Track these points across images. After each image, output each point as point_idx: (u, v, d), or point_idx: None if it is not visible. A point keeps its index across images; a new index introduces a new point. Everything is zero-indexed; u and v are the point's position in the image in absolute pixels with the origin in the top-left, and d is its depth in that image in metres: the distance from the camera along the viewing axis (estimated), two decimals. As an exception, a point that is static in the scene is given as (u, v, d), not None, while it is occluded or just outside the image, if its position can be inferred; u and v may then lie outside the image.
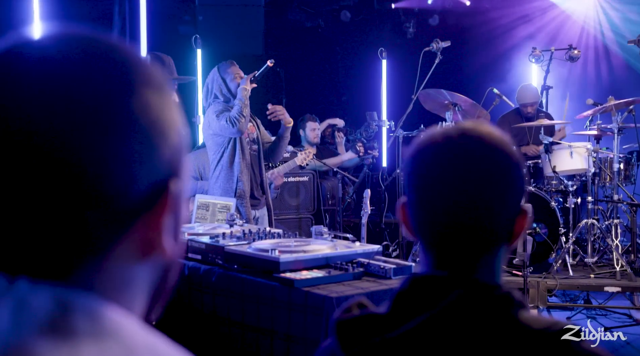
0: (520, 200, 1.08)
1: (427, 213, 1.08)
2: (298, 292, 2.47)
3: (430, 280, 1.06)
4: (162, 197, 0.61)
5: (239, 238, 2.95)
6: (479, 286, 1.03)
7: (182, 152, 0.64)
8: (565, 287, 4.99)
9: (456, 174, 1.04)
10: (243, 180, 4.18)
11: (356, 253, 2.76)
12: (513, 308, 1.01)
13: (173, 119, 0.62)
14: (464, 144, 1.06)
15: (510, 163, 1.06)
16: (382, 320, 1.05)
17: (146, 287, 0.63)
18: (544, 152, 5.32)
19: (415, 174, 1.09)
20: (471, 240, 1.06)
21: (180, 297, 2.93)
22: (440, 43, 5.43)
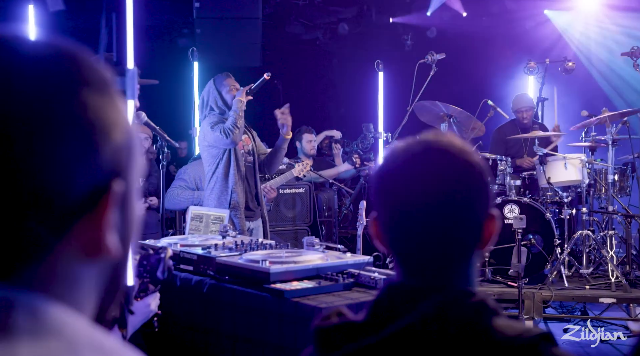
0: (487, 206, 1.10)
1: (398, 227, 1.10)
2: (288, 303, 2.48)
3: (406, 289, 1.08)
4: (104, 196, 0.61)
5: (230, 250, 2.97)
6: (453, 294, 1.04)
7: (128, 152, 0.64)
8: (560, 298, 4.99)
9: (422, 186, 1.07)
10: (237, 192, 4.20)
11: (347, 264, 2.77)
12: (487, 316, 1.02)
13: (116, 119, 0.62)
14: (427, 156, 1.08)
15: (474, 171, 1.08)
16: (360, 328, 1.07)
17: (94, 286, 0.63)
18: (539, 163, 5.33)
19: (383, 189, 1.11)
20: (442, 249, 1.08)
21: (172, 308, 2.94)
22: (435, 55, 5.46)
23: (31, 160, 0.56)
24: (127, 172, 0.64)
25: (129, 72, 1.70)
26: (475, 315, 1.02)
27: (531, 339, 1.01)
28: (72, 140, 0.58)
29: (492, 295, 4.95)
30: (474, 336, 1.00)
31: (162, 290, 2.95)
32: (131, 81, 1.72)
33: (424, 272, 1.09)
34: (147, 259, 2.11)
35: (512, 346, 1.00)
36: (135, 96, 1.70)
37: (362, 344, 1.05)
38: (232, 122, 4.11)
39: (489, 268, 5.05)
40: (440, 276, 1.08)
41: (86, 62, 0.62)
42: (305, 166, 5.39)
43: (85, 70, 0.61)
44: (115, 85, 0.65)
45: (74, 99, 0.59)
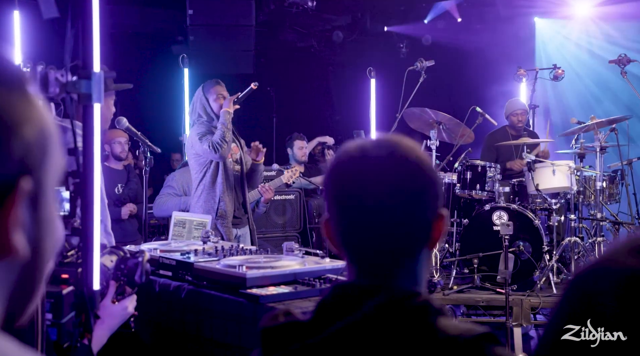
0: (436, 205, 1.11)
1: (347, 226, 1.10)
2: (263, 308, 2.48)
3: (351, 288, 1.08)
4: (9, 194, 0.58)
5: (210, 255, 2.96)
6: (397, 294, 1.05)
7: (42, 149, 0.62)
8: (549, 305, 4.97)
9: (371, 184, 1.08)
10: (225, 201, 4.19)
11: (325, 269, 2.77)
12: (431, 316, 1.03)
13: (28, 114, 0.60)
14: (377, 154, 1.09)
15: (423, 169, 1.09)
16: (304, 327, 1.07)
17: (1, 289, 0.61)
18: (527, 170, 5.33)
19: (333, 188, 1.12)
20: (389, 248, 1.09)
21: (151, 314, 2.94)
22: (424, 62, 5.47)
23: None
24: (40, 170, 0.62)
25: (95, 76, 1.71)
26: (418, 315, 1.02)
27: (474, 338, 1.01)
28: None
29: (481, 302, 4.95)
30: (417, 336, 1.01)
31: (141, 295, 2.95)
32: (97, 85, 1.72)
33: (371, 271, 1.09)
34: (124, 263, 2.11)
35: (454, 345, 1.00)
36: (101, 99, 1.70)
37: (304, 343, 1.05)
38: (220, 136, 4.09)
39: (477, 275, 5.05)
40: (387, 275, 1.09)
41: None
42: (295, 172, 5.39)
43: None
44: (29, 82, 0.63)
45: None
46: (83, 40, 1.72)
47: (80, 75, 1.70)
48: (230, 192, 4.28)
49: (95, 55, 1.75)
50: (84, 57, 1.74)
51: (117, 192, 5.24)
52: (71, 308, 1.66)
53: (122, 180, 5.32)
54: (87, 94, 1.70)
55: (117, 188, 5.25)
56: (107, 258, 2.11)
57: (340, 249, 1.13)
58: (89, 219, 1.76)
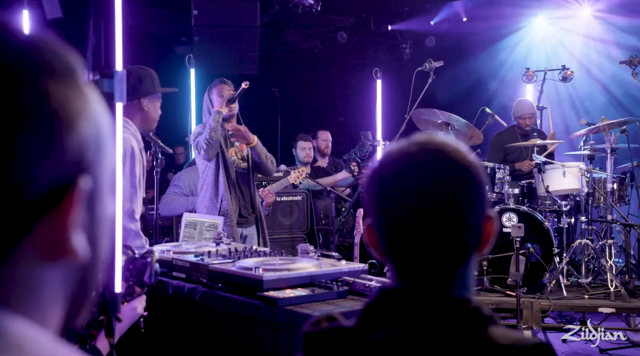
0: (484, 207, 1.07)
1: (395, 230, 1.06)
2: (281, 311, 2.44)
3: (400, 293, 1.04)
4: (68, 193, 0.56)
5: (224, 257, 2.92)
6: (448, 300, 1.01)
7: (97, 145, 0.59)
8: (559, 308, 4.95)
9: (420, 188, 1.03)
10: (227, 199, 4.14)
11: (341, 271, 2.73)
12: (482, 323, 0.99)
13: (84, 109, 0.57)
14: (424, 158, 1.05)
15: (472, 172, 1.05)
16: (350, 333, 1.04)
17: (59, 293, 0.58)
18: (537, 171, 5.30)
19: (379, 192, 1.07)
20: (439, 253, 1.04)
21: (164, 316, 2.90)
22: (433, 63, 5.43)
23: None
24: (96, 167, 0.59)
25: (117, 74, 1.67)
26: (469, 323, 0.99)
27: (528, 348, 0.97)
28: (30, 131, 0.53)
29: (490, 304, 4.91)
30: (468, 345, 0.97)
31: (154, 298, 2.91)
32: (120, 83, 1.68)
33: (421, 277, 1.05)
34: (133, 263, 2.07)
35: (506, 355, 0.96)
36: (124, 99, 1.66)
37: (349, 349, 1.01)
38: (205, 137, 4.05)
39: (487, 277, 5.01)
40: (437, 281, 1.05)
41: (50, 48, 0.57)
42: (301, 173, 5.35)
43: (48, 56, 0.56)
44: (82, 73, 0.59)
45: (35, 87, 0.54)
46: (106, 39, 1.68)
47: (103, 74, 1.66)
48: (234, 189, 4.22)
49: (118, 54, 1.71)
50: (106, 56, 1.70)
51: None
52: None
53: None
54: (109, 93, 1.67)
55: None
56: None
57: (384, 255, 1.09)
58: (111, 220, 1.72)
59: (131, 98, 2.95)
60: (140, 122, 3.15)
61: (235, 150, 4.32)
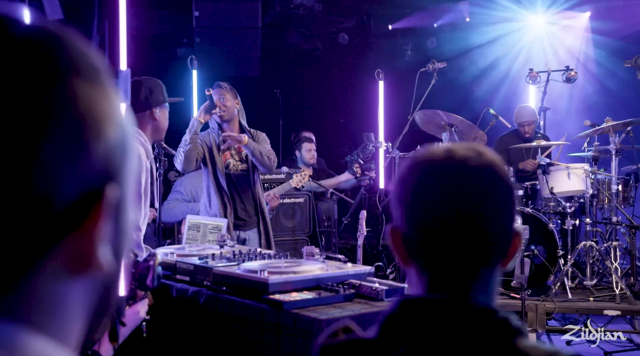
0: (513, 221, 1.05)
1: (422, 234, 1.03)
2: (287, 314, 2.40)
3: (424, 303, 1.00)
4: (96, 204, 0.52)
5: (228, 259, 2.89)
6: (476, 312, 0.98)
7: (123, 151, 0.55)
8: (564, 310, 4.91)
9: (453, 194, 1.01)
10: (217, 203, 4.12)
11: (347, 274, 2.70)
12: (512, 336, 0.95)
13: (110, 113, 0.54)
14: (460, 164, 1.02)
15: (507, 183, 1.05)
16: (370, 346, 1.00)
17: (82, 308, 0.55)
18: (541, 173, 5.27)
19: (409, 194, 1.04)
20: (468, 260, 1.02)
21: (168, 319, 2.86)
22: (436, 64, 5.41)
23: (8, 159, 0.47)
24: (122, 174, 0.55)
25: (122, 74, 1.64)
26: (499, 335, 0.95)
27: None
28: (58, 135, 0.49)
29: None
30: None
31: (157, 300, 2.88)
32: (124, 83, 1.66)
33: (446, 284, 1.02)
34: (135, 266, 2.04)
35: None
36: (128, 98, 1.63)
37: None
38: (180, 148, 4.04)
39: (491, 280, 4.97)
40: (462, 290, 1.02)
41: (76, 47, 0.53)
42: (304, 176, 5.32)
43: (74, 55, 0.52)
44: (108, 74, 0.56)
45: (60, 89, 0.50)
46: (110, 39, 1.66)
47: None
48: (226, 194, 4.19)
49: (122, 54, 1.68)
50: (110, 56, 1.67)
51: None
52: None
53: None
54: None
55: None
56: None
57: (407, 259, 1.06)
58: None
59: (144, 109, 2.94)
60: (152, 132, 3.17)
61: (232, 152, 4.28)
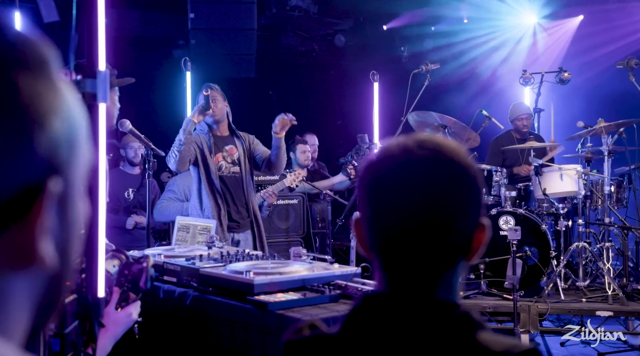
0: (479, 214, 1.03)
1: (384, 228, 1.02)
2: (272, 315, 2.41)
3: (385, 299, 1.01)
4: (37, 197, 0.52)
5: (215, 260, 2.90)
6: (436, 306, 0.98)
7: (71, 145, 0.55)
8: (556, 311, 4.91)
9: (414, 187, 1.00)
10: (210, 206, 4.11)
11: (334, 275, 2.70)
12: (472, 329, 0.96)
13: (56, 105, 0.53)
14: (422, 156, 1.01)
15: (469, 176, 1.02)
16: (333, 341, 1.01)
17: (25, 303, 0.55)
18: (534, 174, 5.27)
19: (371, 187, 1.03)
20: (430, 255, 1.01)
21: (155, 321, 2.86)
22: (429, 65, 5.42)
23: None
24: (69, 168, 0.55)
25: (101, 74, 1.64)
26: (458, 328, 0.96)
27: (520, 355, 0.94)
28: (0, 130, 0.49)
29: (488, 308, 4.88)
30: (458, 351, 0.94)
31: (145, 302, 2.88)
32: (103, 83, 1.65)
33: (406, 280, 1.01)
34: (128, 268, 2.04)
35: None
36: (107, 99, 1.63)
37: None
38: (173, 148, 4.04)
39: (484, 281, 4.97)
40: (424, 285, 1.01)
41: (20, 39, 0.53)
42: (298, 176, 5.32)
43: (19, 47, 0.52)
44: (57, 67, 0.55)
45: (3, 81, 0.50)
46: (88, 38, 1.65)
47: (85, 74, 1.63)
48: (220, 196, 4.19)
49: (101, 54, 1.68)
50: (89, 55, 1.67)
51: (126, 197, 5.18)
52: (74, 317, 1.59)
53: (135, 185, 5.28)
54: (92, 93, 1.64)
55: (127, 192, 5.19)
56: (109, 264, 2.04)
57: (370, 253, 1.05)
58: (94, 223, 1.69)
59: None
60: None
61: (223, 154, 4.28)
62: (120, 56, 8.47)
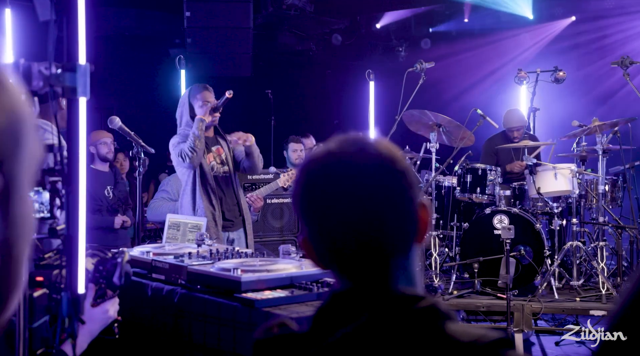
0: (414, 195, 1.04)
1: (330, 234, 1.02)
2: (259, 313, 2.39)
3: (349, 294, 1.01)
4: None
5: (204, 258, 2.88)
6: (396, 298, 0.98)
7: (13, 136, 0.54)
8: (550, 311, 4.90)
9: (347, 185, 1.01)
10: (203, 206, 4.08)
11: (322, 272, 2.68)
12: (439, 321, 0.96)
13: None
14: (346, 153, 1.03)
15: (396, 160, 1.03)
16: (302, 338, 1.02)
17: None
18: (528, 173, 5.26)
19: (306, 198, 1.04)
20: (380, 247, 1.01)
21: (143, 319, 2.85)
22: (424, 64, 5.40)
23: None
24: (12, 161, 0.54)
25: (80, 68, 1.62)
26: (425, 320, 0.95)
27: (489, 344, 0.93)
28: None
29: (481, 307, 4.87)
30: (425, 343, 0.94)
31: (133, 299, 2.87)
32: (83, 77, 1.64)
33: (365, 276, 1.02)
34: (103, 264, 2.01)
35: (468, 353, 0.92)
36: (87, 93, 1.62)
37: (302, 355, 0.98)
38: (189, 146, 3.99)
39: (477, 280, 4.96)
40: (382, 277, 1.01)
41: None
42: (291, 176, 5.31)
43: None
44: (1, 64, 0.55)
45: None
46: (68, 30, 1.64)
47: (65, 68, 1.62)
48: (214, 195, 4.16)
49: (81, 47, 1.67)
50: (68, 49, 1.66)
51: (107, 195, 5.13)
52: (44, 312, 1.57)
53: (109, 182, 5.20)
54: (72, 87, 1.62)
55: (107, 190, 5.14)
56: (88, 261, 2.02)
57: (326, 264, 1.05)
58: (74, 219, 1.68)
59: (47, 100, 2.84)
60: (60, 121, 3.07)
61: (213, 155, 4.26)
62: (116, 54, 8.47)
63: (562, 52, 7.85)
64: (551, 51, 7.96)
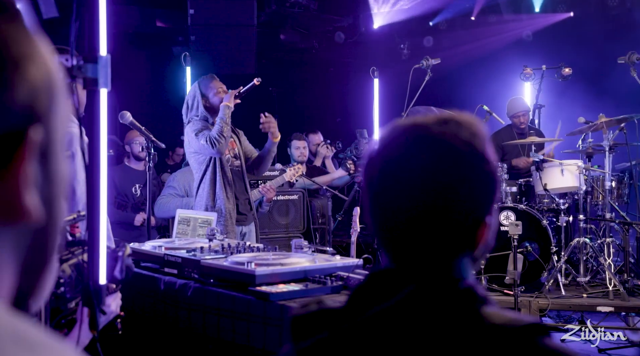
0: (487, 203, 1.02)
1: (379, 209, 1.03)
2: (273, 306, 2.39)
3: (388, 273, 1.02)
4: (19, 146, 0.49)
5: (216, 252, 2.88)
6: (439, 279, 0.99)
7: (50, 93, 0.52)
8: (557, 307, 4.90)
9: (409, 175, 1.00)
10: (223, 198, 4.07)
11: (335, 266, 2.69)
12: (475, 303, 0.96)
13: (32, 53, 0.51)
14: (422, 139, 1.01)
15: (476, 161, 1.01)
16: (337, 314, 1.02)
17: (10, 260, 0.52)
18: (535, 169, 5.25)
19: (371, 176, 1.05)
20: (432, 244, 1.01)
21: (156, 313, 2.85)
22: (430, 60, 5.40)
23: None
24: (50, 117, 0.53)
25: (102, 59, 1.62)
26: (461, 301, 0.96)
27: (522, 327, 0.94)
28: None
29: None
30: (460, 323, 0.94)
31: (146, 294, 2.87)
32: (104, 69, 1.64)
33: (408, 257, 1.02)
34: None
35: (502, 335, 0.93)
36: (108, 84, 1.62)
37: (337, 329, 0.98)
38: (218, 131, 3.97)
39: (484, 276, 4.96)
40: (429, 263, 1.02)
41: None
42: (297, 170, 5.32)
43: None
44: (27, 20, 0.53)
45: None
46: (90, 23, 1.64)
47: (86, 59, 1.61)
48: (230, 188, 4.16)
49: (102, 39, 1.67)
50: (90, 40, 1.65)
51: (134, 192, 5.15)
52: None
53: (141, 180, 5.25)
54: (93, 79, 1.62)
55: (135, 188, 5.17)
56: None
57: (376, 235, 1.07)
58: (95, 210, 1.68)
59: None
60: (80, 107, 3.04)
61: (227, 148, 4.25)
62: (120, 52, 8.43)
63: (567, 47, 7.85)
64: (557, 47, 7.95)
